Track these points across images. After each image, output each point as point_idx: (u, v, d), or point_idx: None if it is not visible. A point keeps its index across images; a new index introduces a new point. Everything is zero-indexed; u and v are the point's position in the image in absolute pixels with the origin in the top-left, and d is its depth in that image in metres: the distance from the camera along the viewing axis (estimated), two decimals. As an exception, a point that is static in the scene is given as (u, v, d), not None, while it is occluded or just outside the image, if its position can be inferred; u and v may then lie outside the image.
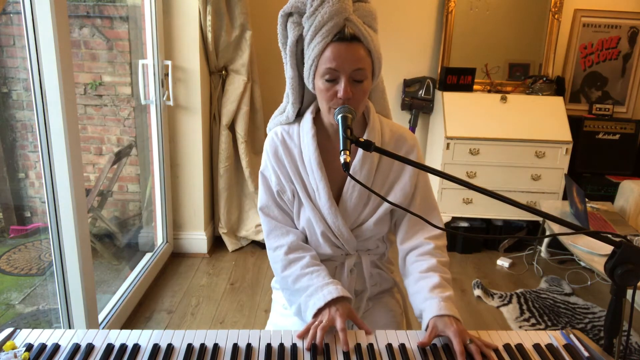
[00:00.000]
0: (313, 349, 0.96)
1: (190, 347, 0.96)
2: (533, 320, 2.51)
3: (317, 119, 1.21)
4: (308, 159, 1.18)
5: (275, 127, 1.26)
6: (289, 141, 1.21)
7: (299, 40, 1.12)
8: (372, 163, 1.19)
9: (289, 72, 1.17)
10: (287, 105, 1.23)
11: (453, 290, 1.13)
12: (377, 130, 1.20)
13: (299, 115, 1.26)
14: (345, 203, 1.20)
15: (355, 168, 1.18)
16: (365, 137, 1.18)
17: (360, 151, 1.17)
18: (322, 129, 1.21)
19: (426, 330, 1.04)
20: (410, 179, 1.21)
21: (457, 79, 3.28)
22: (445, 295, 1.08)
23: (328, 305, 1.06)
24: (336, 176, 1.20)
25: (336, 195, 1.21)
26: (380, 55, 1.10)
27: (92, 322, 1.94)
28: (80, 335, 0.98)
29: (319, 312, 1.06)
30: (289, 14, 1.11)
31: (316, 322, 1.02)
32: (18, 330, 0.99)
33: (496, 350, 0.98)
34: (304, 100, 1.24)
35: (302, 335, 1.00)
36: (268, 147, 1.23)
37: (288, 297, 1.19)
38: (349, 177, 1.18)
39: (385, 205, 1.20)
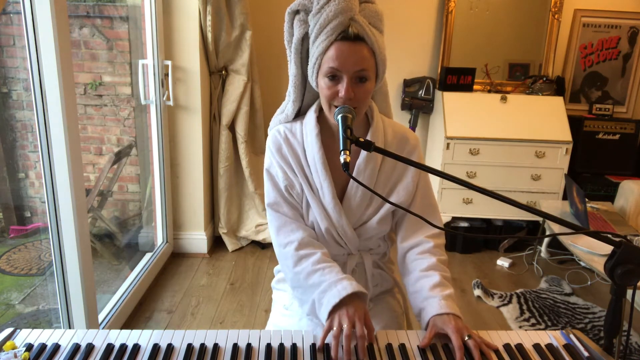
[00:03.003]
0: (313, 348, 0.96)
1: (190, 347, 0.96)
2: (533, 320, 2.51)
3: (320, 118, 1.21)
4: (312, 158, 1.18)
5: (277, 126, 1.26)
6: (292, 139, 1.21)
7: (305, 38, 1.12)
8: (376, 163, 1.19)
9: (292, 69, 1.17)
10: (288, 103, 1.23)
11: (453, 289, 1.13)
12: (380, 130, 1.21)
13: (299, 114, 1.26)
14: (349, 202, 1.20)
15: (359, 167, 1.18)
16: (368, 137, 1.18)
17: (364, 151, 1.17)
18: (325, 128, 1.21)
19: (426, 329, 1.03)
20: (412, 179, 1.22)
21: (457, 79, 3.28)
22: (445, 294, 1.08)
23: (343, 302, 1.02)
24: (340, 175, 1.20)
25: (340, 193, 1.21)
26: (384, 57, 1.10)
27: (92, 322, 1.94)
28: (80, 335, 0.98)
29: (334, 309, 1.02)
30: (296, 12, 1.12)
31: (335, 330, 0.97)
32: (18, 330, 0.99)
33: (496, 351, 0.98)
34: (305, 99, 1.24)
35: (323, 343, 0.97)
36: (271, 145, 1.22)
37: (300, 296, 1.16)
38: None
39: (389, 204, 1.21)
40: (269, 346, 0.96)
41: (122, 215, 3.30)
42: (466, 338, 0.97)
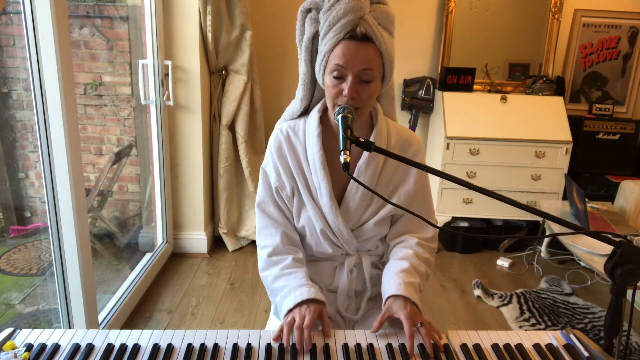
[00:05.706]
0: (313, 349, 0.96)
1: (190, 347, 0.96)
2: (533, 320, 2.51)
3: (324, 118, 1.21)
4: (312, 158, 1.18)
5: (281, 124, 1.26)
6: (294, 138, 1.21)
7: (315, 36, 1.12)
8: (377, 165, 1.19)
9: (302, 67, 1.18)
10: (296, 100, 1.24)
11: (421, 281, 1.15)
12: (384, 132, 1.20)
13: (307, 112, 1.26)
14: (348, 203, 1.20)
15: (360, 169, 1.18)
16: (371, 138, 1.18)
17: (366, 152, 1.17)
18: (328, 128, 1.20)
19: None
20: (415, 184, 1.22)
21: (457, 79, 3.28)
22: (408, 280, 1.10)
23: (298, 305, 1.07)
24: (340, 176, 1.20)
25: (339, 195, 1.20)
26: (392, 59, 1.09)
27: (92, 322, 1.94)
28: (80, 335, 0.98)
29: (289, 312, 1.07)
30: (308, 10, 1.12)
31: (288, 320, 1.02)
32: (18, 330, 0.99)
33: (496, 349, 0.98)
34: (315, 97, 1.24)
35: (277, 338, 0.99)
36: (272, 143, 1.23)
37: (269, 296, 1.22)
38: None
39: (388, 207, 1.20)
40: (269, 346, 0.96)
41: (122, 215, 3.30)
42: (419, 325, 1.01)
